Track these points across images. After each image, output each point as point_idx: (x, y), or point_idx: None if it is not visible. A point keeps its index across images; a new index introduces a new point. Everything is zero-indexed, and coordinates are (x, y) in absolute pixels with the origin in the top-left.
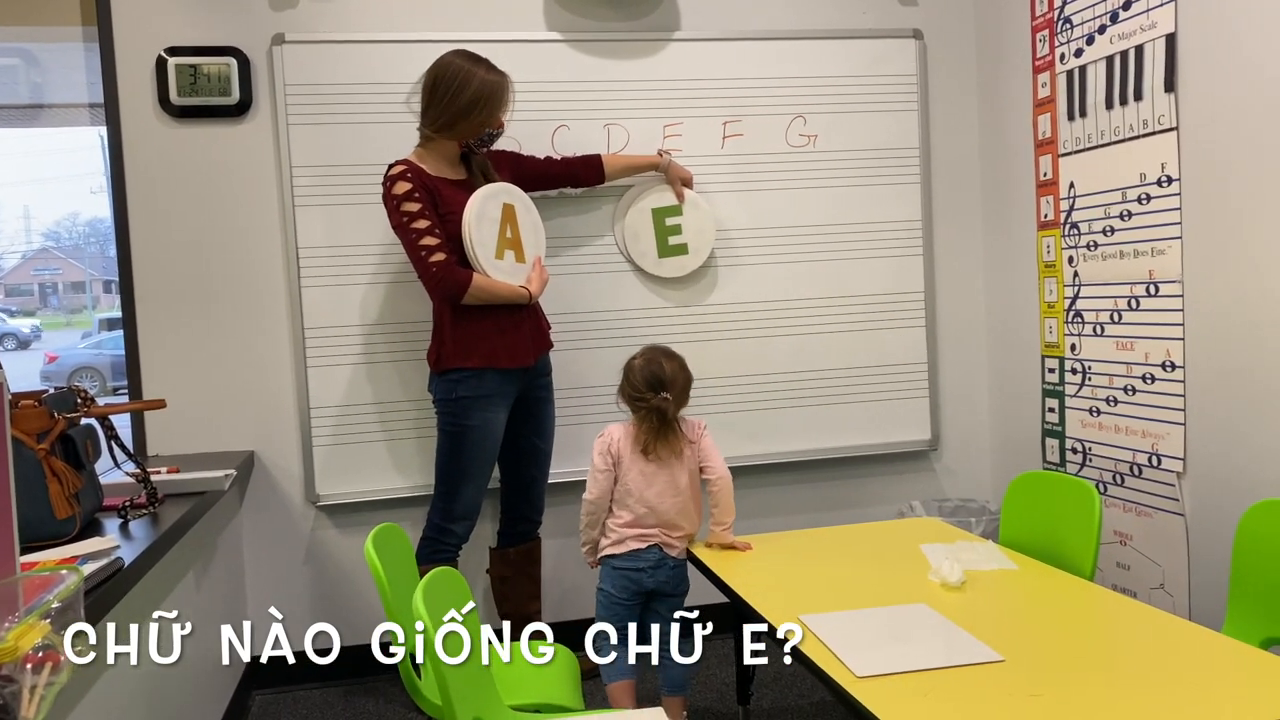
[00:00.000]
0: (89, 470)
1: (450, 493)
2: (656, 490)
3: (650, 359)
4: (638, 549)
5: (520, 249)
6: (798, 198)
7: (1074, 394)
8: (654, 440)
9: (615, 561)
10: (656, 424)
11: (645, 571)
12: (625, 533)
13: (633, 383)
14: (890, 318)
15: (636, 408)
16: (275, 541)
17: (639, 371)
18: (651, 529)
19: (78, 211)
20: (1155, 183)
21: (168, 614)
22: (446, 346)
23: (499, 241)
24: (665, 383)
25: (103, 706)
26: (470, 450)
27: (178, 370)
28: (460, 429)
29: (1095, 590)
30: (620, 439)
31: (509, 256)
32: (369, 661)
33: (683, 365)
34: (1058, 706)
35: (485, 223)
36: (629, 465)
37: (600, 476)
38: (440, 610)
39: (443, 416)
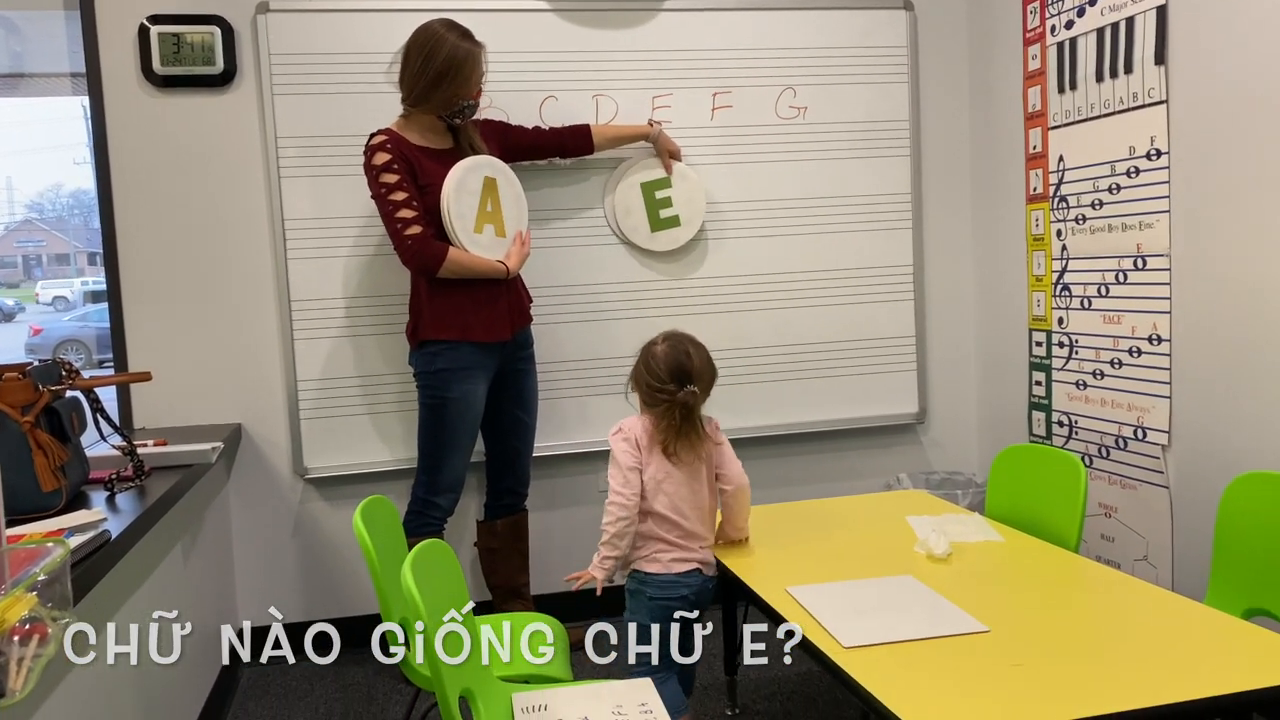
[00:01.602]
0: (75, 443)
1: (433, 465)
2: (679, 495)
3: (675, 346)
4: (679, 574)
5: (501, 223)
6: (787, 170)
7: (1061, 367)
8: (674, 439)
9: (651, 590)
10: (679, 421)
11: (686, 599)
12: (659, 547)
13: (654, 371)
14: (878, 291)
15: (656, 400)
16: (263, 514)
17: (662, 360)
18: (689, 546)
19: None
20: (1144, 156)
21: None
22: (424, 319)
23: (478, 215)
24: (692, 375)
25: (91, 679)
26: (451, 422)
27: (164, 343)
28: (440, 401)
29: (1080, 562)
30: (644, 433)
31: (488, 231)
32: (357, 633)
33: (710, 358)
34: (1041, 676)
35: (464, 196)
36: (659, 464)
37: (630, 475)
38: (429, 583)
39: (422, 389)
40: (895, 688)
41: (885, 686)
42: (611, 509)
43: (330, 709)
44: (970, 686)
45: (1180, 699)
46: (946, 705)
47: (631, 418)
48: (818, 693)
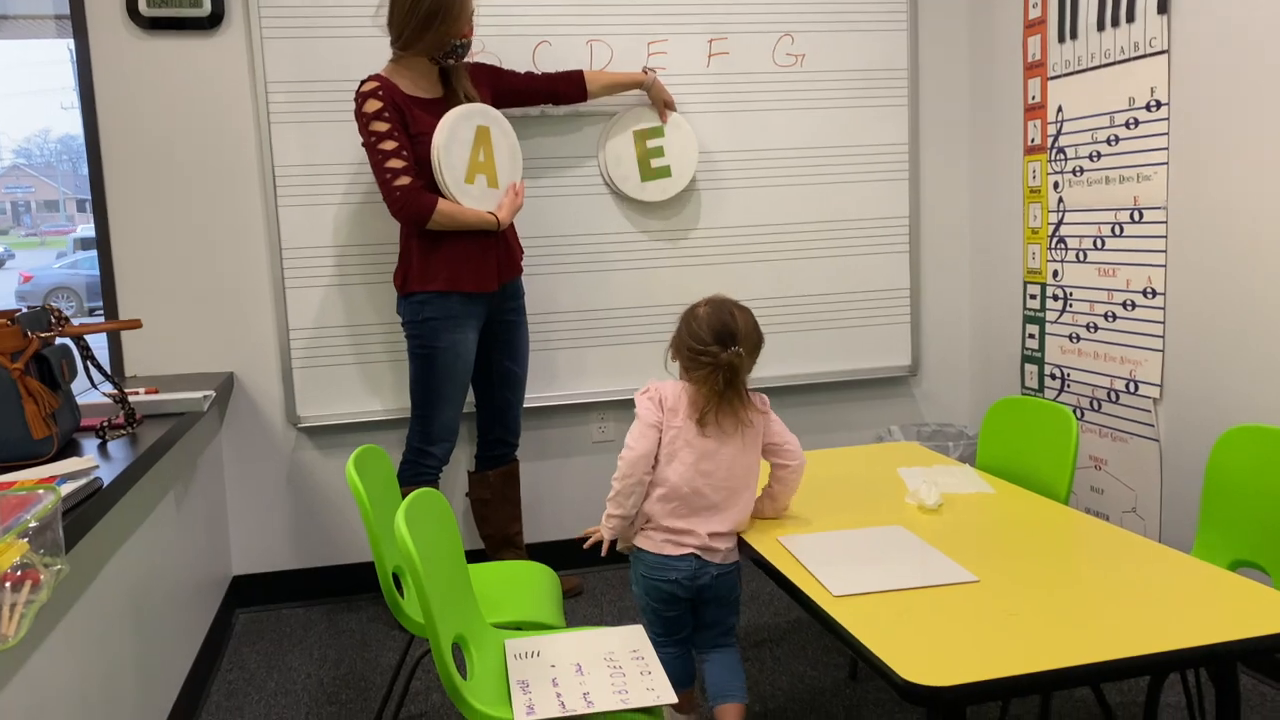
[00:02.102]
0: (65, 390)
1: (426, 415)
2: (707, 470)
3: (718, 307)
4: (668, 555)
5: (493, 173)
6: (783, 119)
7: (1055, 320)
8: (716, 407)
9: (643, 568)
10: (722, 386)
11: (678, 584)
12: (657, 530)
13: (694, 333)
14: (874, 243)
15: (698, 364)
16: (256, 463)
17: (704, 320)
18: (689, 529)
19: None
20: (1144, 107)
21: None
22: (413, 270)
23: (470, 165)
24: (737, 336)
25: (85, 625)
26: (441, 372)
27: (155, 291)
28: (429, 351)
29: (1069, 513)
30: (673, 396)
31: (480, 181)
32: (352, 580)
33: (756, 324)
34: (1029, 626)
35: (456, 145)
36: (678, 431)
37: (647, 431)
38: (422, 531)
39: (412, 340)
40: (884, 636)
41: (874, 634)
42: (620, 464)
43: (324, 655)
44: (958, 635)
45: (1166, 648)
46: (934, 653)
47: (666, 381)
48: (808, 640)
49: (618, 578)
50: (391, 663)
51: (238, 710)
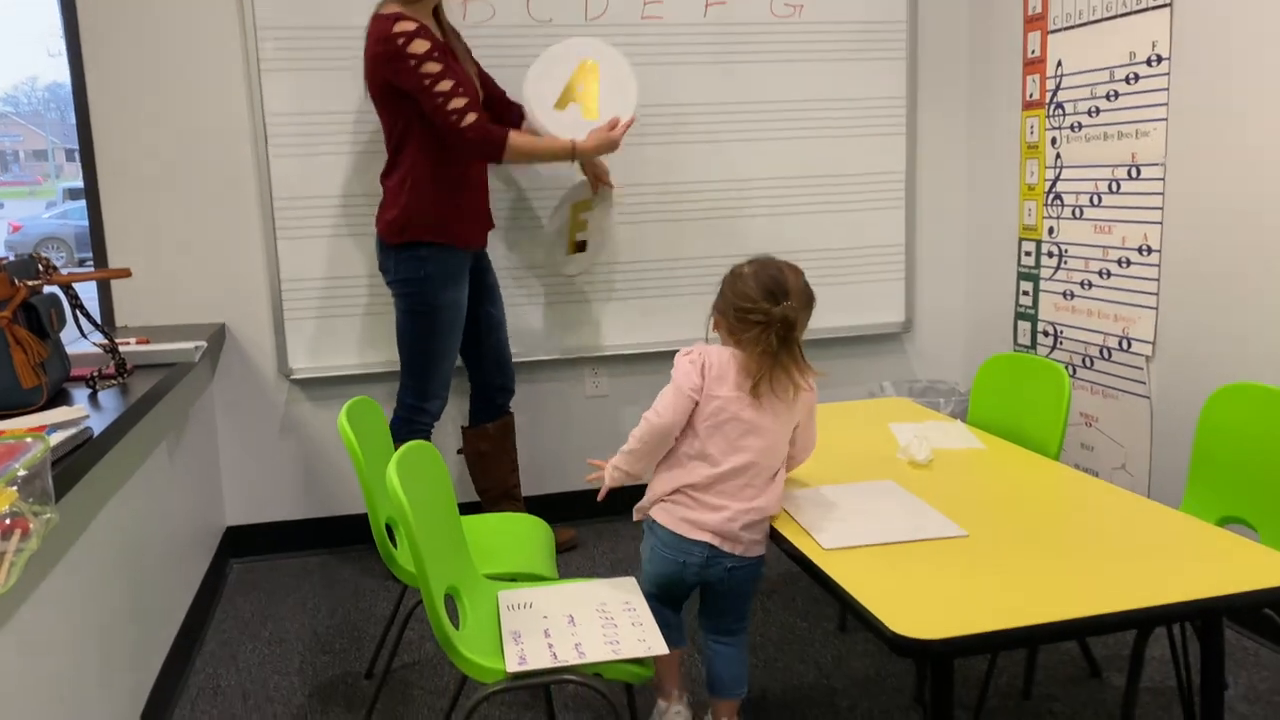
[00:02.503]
0: (54, 340)
1: (422, 373)
2: (746, 448)
3: (764, 264)
4: (683, 536)
5: (592, 104)
6: (780, 71)
7: (1049, 277)
8: (770, 372)
9: (656, 541)
10: (776, 345)
11: (688, 567)
12: (677, 505)
13: (740, 291)
14: (869, 198)
15: (747, 323)
16: (249, 414)
17: (750, 277)
18: (710, 512)
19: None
20: (1145, 62)
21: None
22: (416, 218)
23: (564, 92)
24: (788, 290)
25: (78, 575)
26: (442, 329)
27: (144, 241)
28: (430, 308)
29: (1059, 469)
30: (719, 362)
31: (573, 110)
32: (345, 531)
33: (806, 281)
34: (1018, 580)
35: (548, 79)
36: (723, 402)
37: (679, 401)
38: (415, 482)
39: (408, 296)
40: (873, 589)
41: (864, 588)
42: (642, 425)
43: (318, 605)
44: (947, 589)
45: (1152, 603)
46: (923, 606)
47: (714, 345)
48: (797, 592)
49: (610, 530)
50: (385, 613)
51: (232, 659)
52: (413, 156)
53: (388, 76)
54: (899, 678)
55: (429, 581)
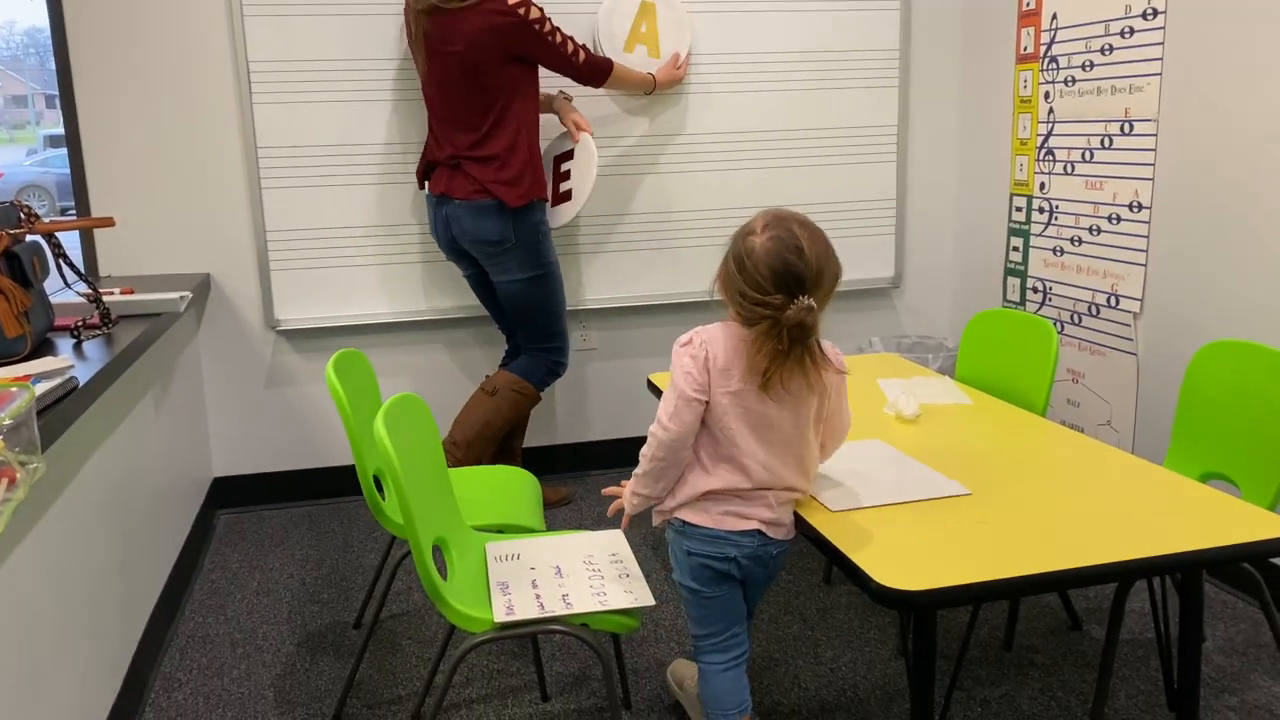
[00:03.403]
0: (38, 289)
1: (560, 326)
2: (771, 441)
3: (780, 238)
4: (729, 531)
5: (655, 44)
6: (771, 21)
7: (1039, 233)
8: (780, 367)
9: (691, 544)
10: (787, 345)
11: (734, 562)
12: (712, 501)
13: (750, 275)
14: (861, 152)
15: (754, 315)
16: (235, 366)
17: (762, 257)
18: (755, 503)
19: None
20: (1140, 15)
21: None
22: (529, 176)
23: (630, 35)
24: (805, 279)
25: (64, 525)
26: (561, 285)
27: (128, 189)
28: (548, 266)
29: (1044, 425)
30: (724, 350)
31: (640, 50)
32: (332, 483)
33: (829, 250)
34: (1003, 534)
35: (617, 16)
36: (733, 398)
37: (684, 409)
38: (402, 434)
39: (532, 261)
40: (858, 541)
41: (849, 540)
42: (650, 442)
43: (306, 555)
44: (931, 542)
45: (1136, 556)
46: (907, 559)
47: (713, 326)
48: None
49: (599, 483)
50: (373, 564)
51: (220, 609)
52: (519, 119)
53: (509, 47)
54: (882, 630)
55: (417, 532)
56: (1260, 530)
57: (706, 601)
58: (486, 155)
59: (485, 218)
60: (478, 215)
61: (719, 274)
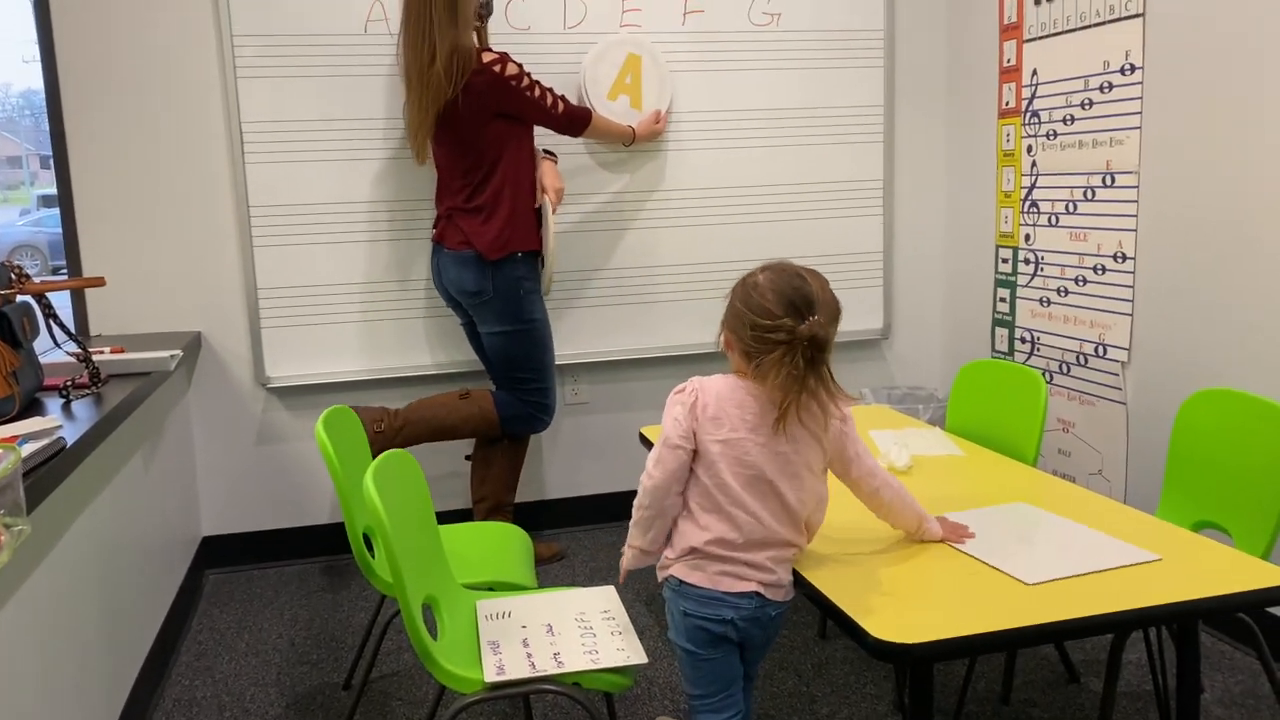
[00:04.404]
0: (27, 349)
1: (546, 377)
2: (764, 494)
3: (781, 270)
4: (726, 593)
5: (639, 97)
6: (758, 79)
7: (1026, 284)
8: (797, 400)
9: (688, 605)
10: (803, 369)
11: (731, 624)
12: (708, 560)
13: (755, 305)
14: (847, 205)
15: (767, 343)
16: (225, 423)
17: (767, 287)
18: (752, 562)
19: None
20: (1118, 71)
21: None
22: (512, 229)
23: (615, 84)
24: (812, 301)
25: (50, 588)
26: (547, 341)
27: (119, 248)
28: (531, 323)
29: (1036, 475)
30: (716, 398)
31: (623, 100)
32: (322, 541)
33: (827, 284)
34: (996, 585)
35: (604, 65)
36: (724, 447)
37: (667, 455)
38: (392, 492)
39: (513, 315)
40: (853, 594)
41: (843, 593)
42: (639, 491)
43: (295, 615)
44: (926, 594)
45: (1129, 607)
46: (902, 611)
47: (712, 376)
48: None
49: (590, 539)
50: (363, 623)
51: (208, 671)
52: (505, 172)
53: (489, 105)
54: (879, 685)
55: (406, 591)
56: (1255, 580)
57: (702, 663)
58: (473, 207)
59: (465, 268)
60: (460, 265)
61: (724, 321)
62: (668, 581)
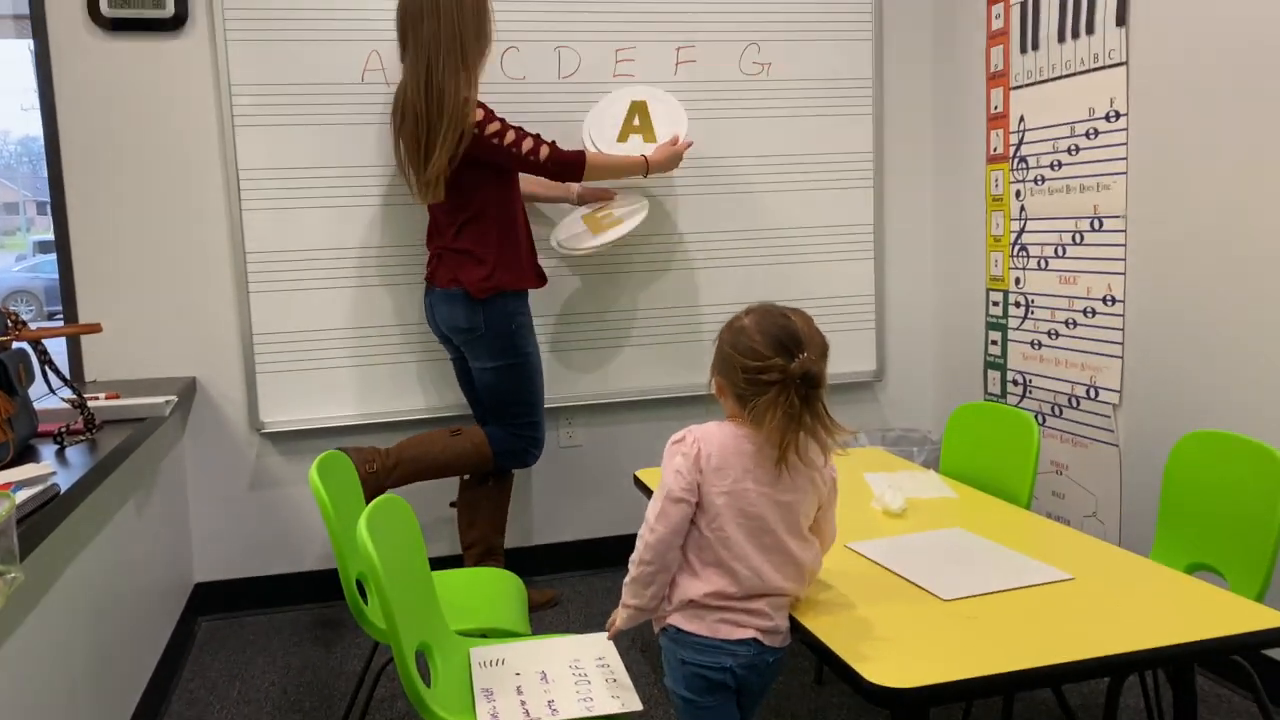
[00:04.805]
0: (22, 396)
1: (535, 413)
2: (766, 546)
3: (766, 311)
4: (724, 640)
5: (651, 132)
6: (750, 126)
7: (1017, 327)
8: (795, 438)
9: (686, 653)
10: (799, 407)
11: (730, 672)
12: (707, 610)
13: (745, 347)
14: (839, 249)
15: (759, 385)
16: (219, 469)
17: (755, 330)
18: (751, 610)
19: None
20: (1103, 117)
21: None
22: (497, 268)
23: (623, 128)
24: (800, 339)
25: (41, 635)
26: (535, 375)
27: (115, 294)
28: (523, 358)
29: (1031, 518)
30: (719, 448)
31: (635, 140)
32: (316, 587)
33: (812, 321)
34: (992, 628)
35: (606, 121)
36: (728, 499)
37: (672, 509)
38: (385, 538)
39: (503, 351)
40: (847, 638)
41: (838, 637)
42: (638, 545)
43: (288, 662)
44: (921, 638)
45: (1125, 650)
46: (897, 656)
47: (709, 424)
48: None
49: (585, 585)
50: (356, 670)
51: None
52: (492, 213)
53: (472, 155)
54: None
55: (399, 638)
56: (1250, 622)
57: (699, 710)
58: (461, 249)
59: (456, 305)
60: (450, 302)
61: (713, 367)
62: (665, 630)
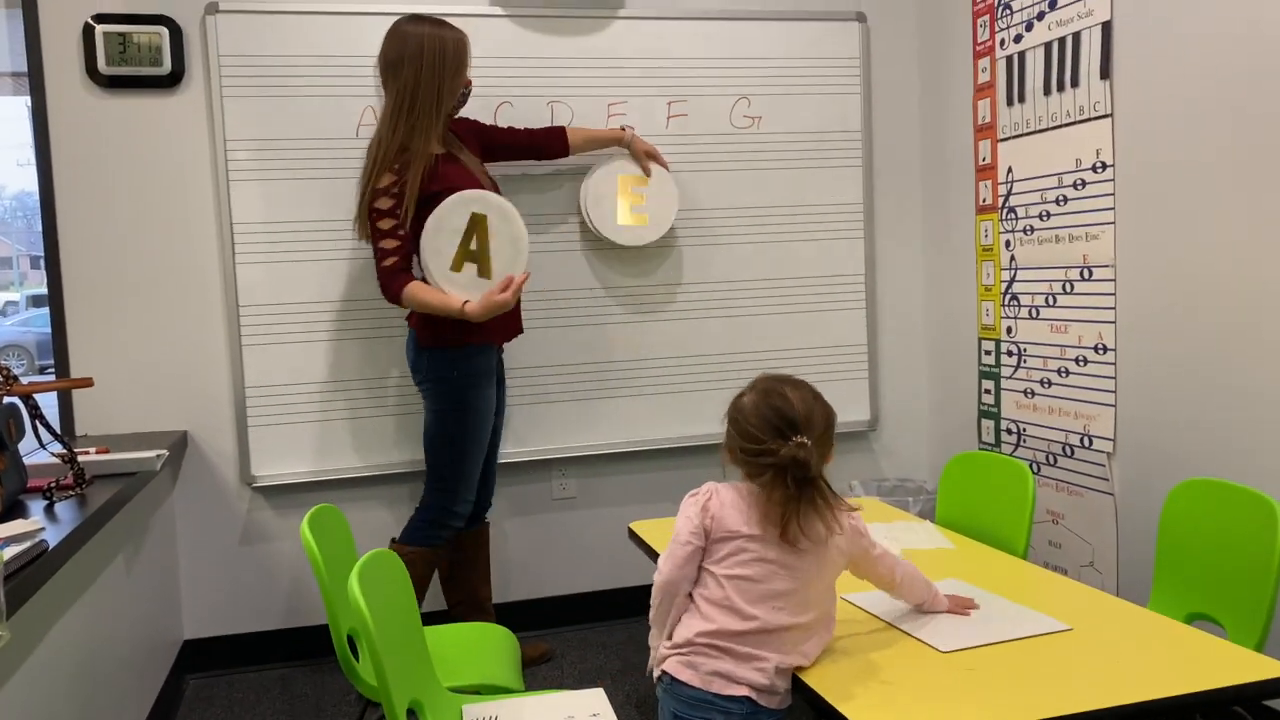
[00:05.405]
0: (12, 451)
1: (455, 474)
2: (784, 593)
3: (766, 391)
4: (716, 694)
5: (487, 263)
6: (741, 179)
7: (1009, 376)
8: (796, 513)
9: (678, 707)
10: (794, 488)
11: None
12: (704, 656)
13: (743, 429)
14: (831, 300)
15: (759, 468)
16: (210, 523)
17: (753, 412)
18: (747, 665)
19: (4, 185)
20: (1090, 168)
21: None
22: (447, 321)
23: (458, 253)
24: (795, 421)
25: (27, 694)
26: (472, 429)
27: (107, 348)
28: (461, 409)
29: (1028, 568)
30: (730, 503)
31: (469, 270)
32: (306, 644)
33: (817, 396)
34: (990, 681)
35: (444, 234)
36: (734, 555)
37: (678, 551)
38: (377, 593)
39: (439, 396)
40: (845, 694)
41: (837, 692)
42: (654, 586)
43: None
44: (919, 692)
45: (1125, 701)
46: (895, 710)
47: (726, 483)
48: None
49: (579, 639)
50: None
51: None
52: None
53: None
54: None
55: (391, 695)
56: (1250, 672)
57: None
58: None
59: (410, 344)
60: (410, 342)
61: (724, 446)
62: (660, 680)
